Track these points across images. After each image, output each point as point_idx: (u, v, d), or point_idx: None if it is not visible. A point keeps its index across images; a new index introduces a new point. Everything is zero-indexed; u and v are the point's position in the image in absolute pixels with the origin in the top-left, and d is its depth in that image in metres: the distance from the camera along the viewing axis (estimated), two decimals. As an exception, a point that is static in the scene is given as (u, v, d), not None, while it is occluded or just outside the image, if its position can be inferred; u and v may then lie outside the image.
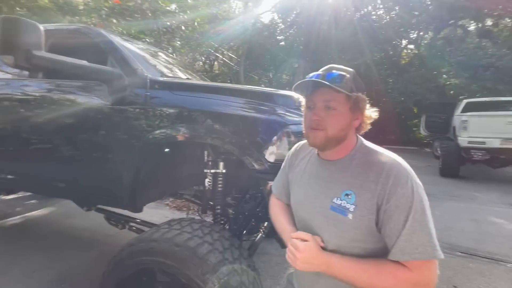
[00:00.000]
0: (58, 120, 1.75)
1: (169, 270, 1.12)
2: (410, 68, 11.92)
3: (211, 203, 1.74)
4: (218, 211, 1.61)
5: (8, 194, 2.88)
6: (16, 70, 1.88)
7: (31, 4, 8.43)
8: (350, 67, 0.79)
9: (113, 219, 2.01)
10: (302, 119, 0.82)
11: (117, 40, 1.85)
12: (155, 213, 3.60)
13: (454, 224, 3.36)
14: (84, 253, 2.39)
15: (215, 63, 13.55)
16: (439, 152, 6.48)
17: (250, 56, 11.95)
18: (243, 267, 1.16)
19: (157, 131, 1.47)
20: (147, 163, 1.55)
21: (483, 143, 5.39)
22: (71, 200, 2.07)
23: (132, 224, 2.00)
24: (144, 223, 1.99)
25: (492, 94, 8.75)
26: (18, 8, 8.39)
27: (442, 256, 0.64)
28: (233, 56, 12.34)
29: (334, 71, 0.75)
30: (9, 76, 2.03)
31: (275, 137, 1.33)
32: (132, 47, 1.97)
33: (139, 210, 1.65)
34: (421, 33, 13.27)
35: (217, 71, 12.85)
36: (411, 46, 14.59)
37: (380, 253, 0.69)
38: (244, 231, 1.90)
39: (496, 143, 5.28)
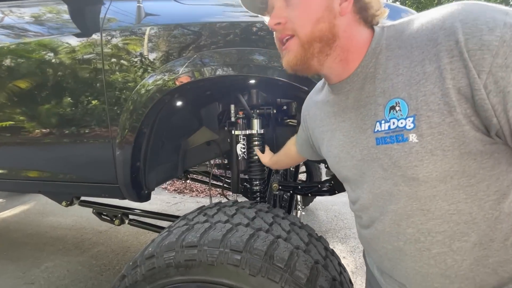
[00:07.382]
0: None
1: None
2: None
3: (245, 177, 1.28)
4: (257, 187, 1.16)
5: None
6: None
7: None
8: None
9: (105, 213, 1.52)
10: None
11: None
12: (153, 199, 3.13)
13: None
14: (73, 257, 1.91)
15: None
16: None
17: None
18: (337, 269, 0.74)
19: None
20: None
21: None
22: (44, 195, 1.53)
23: (132, 216, 1.53)
24: (147, 213, 1.52)
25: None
26: None
27: None
28: None
29: None
30: None
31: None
32: None
33: (146, 198, 1.17)
34: None
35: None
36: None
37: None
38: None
39: None
